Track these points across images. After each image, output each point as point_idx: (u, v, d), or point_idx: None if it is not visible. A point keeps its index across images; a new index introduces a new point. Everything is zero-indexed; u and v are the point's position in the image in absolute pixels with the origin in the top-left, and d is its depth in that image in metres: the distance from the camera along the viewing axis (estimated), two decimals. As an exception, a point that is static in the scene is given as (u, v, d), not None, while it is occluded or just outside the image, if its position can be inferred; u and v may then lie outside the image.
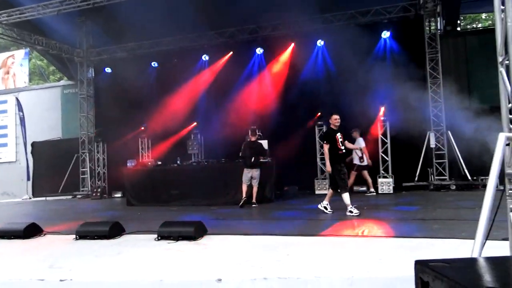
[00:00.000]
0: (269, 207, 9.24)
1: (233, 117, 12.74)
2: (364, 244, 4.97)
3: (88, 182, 15.24)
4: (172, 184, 10.48)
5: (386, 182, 11.05)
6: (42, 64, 25.29)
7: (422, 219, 6.62)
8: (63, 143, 16.74)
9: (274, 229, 6.21)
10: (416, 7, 11.84)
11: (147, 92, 14.15)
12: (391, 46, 12.02)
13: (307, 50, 12.68)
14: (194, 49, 14.16)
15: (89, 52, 15.28)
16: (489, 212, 2.62)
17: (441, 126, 11.54)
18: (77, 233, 5.99)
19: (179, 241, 5.43)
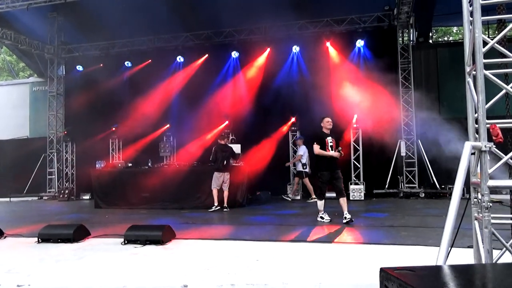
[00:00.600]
0: (240, 211, 9.17)
1: (207, 120, 12.64)
2: (333, 250, 4.98)
3: (56, 183, 14.78)
4: (143, 187, 10.26)
5: (358, 189, 11.16)
6: (11, 59, 24.49)
7: (391, 226, 6.70)
8: (30, 142, 16.20)
9: (244, 234, 6.15)
10: (390, 17, 12.07)
11: (119, 92, 13.84)
12: (365, 54, 12.18)
13: (282, 56, 12.72)
14: (169, 50, 14.00)
15: (60, 49, 14.88)
16: (454, 220, 2.64)
17: (412, 135, 11.77)
18: (40, 236, 5.78)
19: (147, 245, 5.31)
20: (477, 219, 2.96)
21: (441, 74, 13.11)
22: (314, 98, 11.41)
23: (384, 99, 10.86)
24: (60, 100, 15.20)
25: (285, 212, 9.04)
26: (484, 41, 2.84)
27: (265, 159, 11.82)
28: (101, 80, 13.88)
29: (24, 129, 16.95)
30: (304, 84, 12.17)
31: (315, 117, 11.14)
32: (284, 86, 12.17)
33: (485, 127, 2.77)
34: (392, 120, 11.26)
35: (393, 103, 11.33)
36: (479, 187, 2.85)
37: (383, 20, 12.21)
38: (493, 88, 2.99)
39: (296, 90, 12.17)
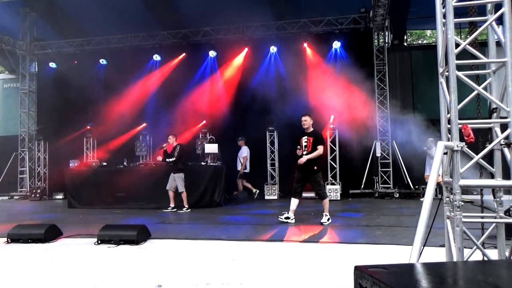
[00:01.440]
0: (217, 211, 9.12)
1: (184, 119, 12.52)
2: (309, 249, 5.00)
3: (27, 182, 14.39)
4: (118, 186, 10.08)
5: (334, 189, 11.27)
6: (-19, 55, 23.71)
7: (366, 225, 6.78)
8: (1, 140, 15.73)
9: (221, 234, 6.12)
10: (366, 20, 12.24)
11: (94, 90, 13.57)
12: (342, 56, 12.31)
13: (260, 56, 12.73)
14: (145, 49, 13.82)
15: (33, 45, 14.49)
16: (427, 219, 2.69)
17: (387, 136, 11.95)
18: (9, 236, 5.61)
19: (121, 245, 5.22)
20: (449, 218, 3.02)
21: (415, 76, 13.38)
22: (291, 98, 11.47)
23: (360, 100, 11.01)
24: (33, 98, 14.82)
25: (262, 212, 9.05)
26: (457, 43, 2.90)
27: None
28: (75, 78, 13.53)
29: (-6, 126, 16.45)
30: (282, 84, 12.22)
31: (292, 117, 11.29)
32: (261, 86, 12.17)
33: (457, 127, 2.83)
34: (367, 121, 11.43)
35: (369, 104, 11.50)
36: (451, 186, 2.91)
37: (359, 22, 12.36)
38: (464, 89, 3.06)
39: (273, 90, 12.21)
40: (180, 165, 9.31)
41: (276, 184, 12.17)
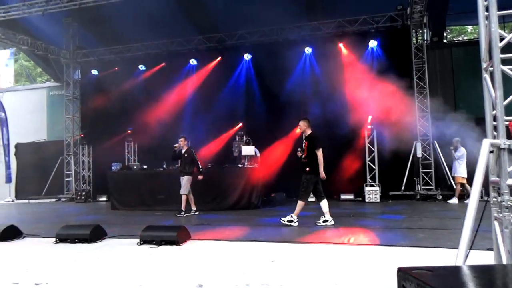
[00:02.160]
0: (255, 213, 9.16)
1: (220, 122, 12.68)
2: (350, 252, 4.94)
3: (73, 185, 14.99)
4: (158, 189, 10.35)
5: (373, 191, 11.06)
6: (29, 65, 24.94)
7: (408, 228, 6.61)
8: (48, 145, 16.47)
9: (259, 235, 6.14)
10: (403, 17, 11.95)
11: (134, 95, 13.99)
12: (378, 55, 12.09)
13: (295, 57, 12.67)
14: (182, 53, 14.08)
15: (76, 53, 15.10)
16: (473, 221, 2.60)
17: (428, 136, 11.61)
18: (57, 236, 5.86)
19: (162, 245, 5.34)
20: (497, 219, 2.90)
21: (457, 74, 12.93)
22: (328, 99, 11.39)
23: (398, 100, 10.74)
24: (76, 104, 15.42)
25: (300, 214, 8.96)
26: (501, 36, 2.79)
27: (280, 160, 11.79)
28: (116, 84, 14.06)
29: (42, 132, 17.25)
30: (317, 85, 12.13)
31: (329, 118, 11.21)
32: (297, 87, 12.14)
33: (504, 124, 2.72)
34: (407, 121, 11.12)
35: (408, 103, 11.20)
36: (498, 186, 2.80)
37: (396, 20, 12.09)
38: (510, 84, 2.94)
39: (309, 91, 12.15)
40: (190, 168, 9.26)
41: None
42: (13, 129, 16.41)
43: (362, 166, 11.43)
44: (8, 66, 19.79)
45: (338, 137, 11.43)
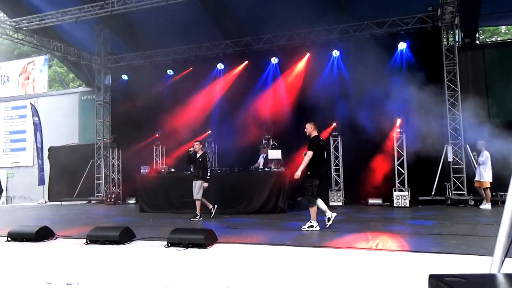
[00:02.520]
0: (281, 217, 9.13)
1: (247, 126, 12.73)
2: (378, 258, 4.84)
3: (103, 188, 15.36)
4: (185, 192, 10.43)
5: (402, 195, 10.85)
6: (62, 71, 25.76)
7: (438, 234, 6.43)
8: (80, 148, 16.94)
9: (286, 239, 6.11)
10: (434, 18, 11.71)
11: (162, 99, 14.28)
12: (408, 57, 11.88)
13: (322, 60, 12.62)
14: (209, 58, 14.25)
15: (107, 59, 15.50)
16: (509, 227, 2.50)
17: (459, 140, 11.31)
18: (88, 238, 5.99)
19: (189, 248, 5.38)
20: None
21: (490, 76, 12.56)
22: (356, 102, 11.27)
23: (429, 103, 10.52)
24: (107, 108, 15.81)
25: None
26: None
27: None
28: (145, 88, 14.35)
29: (74, 136, 17.78)
30: (345, 88, 12.03)
31: (357, 121, 11.08)
32: (324, 91, 12.07)
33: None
34: (437, 124, 10.88)
35: (439, 106, 10.96)
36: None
37: (426, 21, 11.85)
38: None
39: (337, 95, 12.08)
40: (204, 173, 9.19)
41: (341, 190, 11.95)
42: (47, 132, 16.99)
43: (391, 170, 11.24)
44: (42, 72, 20.48)
45: (366, 140, 11.29)
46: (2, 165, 20.06)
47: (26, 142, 19.32)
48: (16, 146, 19.85)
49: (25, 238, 6.28)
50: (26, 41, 13.98)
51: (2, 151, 20.27)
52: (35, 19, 13.02)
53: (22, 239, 6.28)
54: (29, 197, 18.37)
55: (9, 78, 20.86)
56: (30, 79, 20.37)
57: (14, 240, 6.30)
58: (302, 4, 11.77)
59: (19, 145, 19.75)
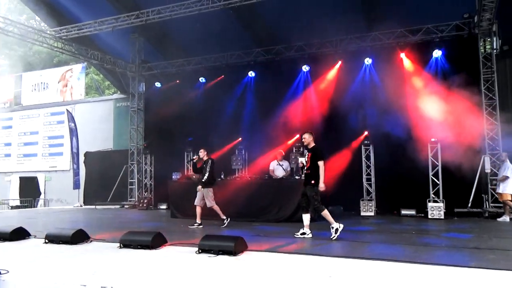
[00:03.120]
0: (311, 226, 8.97)
1: (278, 134, 12.72)
2: (412, 270, 4.72)
3: (136, 193, 15.66)
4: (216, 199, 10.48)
5: (437, 207, 10.54)
6: (98, 78, 26.58)
7: (476, 248, 6.20)
8: (114, 154, 17.37)
9: (316, 249, 6.06)
10: (470, 25, 11.39)
11: (194, 106, 14.46)
12: (443, 65, 11.59)
13: (354, 68, 12.48)
14: (240, 66, 14.35)
15: (141, 67, 15.87)
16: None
17: (497, 150, 10.89)
18: (121, 242, 6.12)
19: (219, 255, 5.40)
20: None
21: (530, 84, 12.08)
22: (388, 110, 11.08)
23: (465, 112, 10.22)
24: (140, 115, 16.16)
25: (359, 229, 8.78)
26: None
27: (337, 173, 11.60)
28: (177, 96, 14.61)
29: (108, 142, 18.25)
30: (377, 97, 11.83)
31: (390, 130, 10.90)
32: (356, 99, 11.94)
33: None
34: (474, 134, 10.53)
35: (476, 115, 10.61)
36: None
37: (462, 28, 11.55)
38: None
39: (369, 103, 11.91)
40: (210, 179, 9.22)
41: (373, 200, 11.72)
42: (83, 138, 17.53)
43: (425, 180, 10.93)
44: (80, 79, 21.20)
45: (399, 149, 11.05)
46: (41, 169, 20.80)
47: (64, 147, 19.96)
48: (54, 151, 20.56)
49: (61, 240, 6.49)
50: (65, 49, 14.51)
51: (41, 155, 21.04)
52: (74, 29, 13.53)
53: (58, 242, 6.49)
54: (65, 200, 18.95)
55: (49, 85, 21.69)
56: (68, 86, 21.11)
57: (51, 242, 6.52)
58: (334, 12, 11.71)
59: (56, 150, 20.45)
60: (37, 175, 20.49)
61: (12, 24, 12.85)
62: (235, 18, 12.75)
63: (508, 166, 9.87)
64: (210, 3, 11.34)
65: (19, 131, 22.00)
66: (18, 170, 21.52)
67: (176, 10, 11.82)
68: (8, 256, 5.59)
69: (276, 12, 12.35)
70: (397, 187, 11.52)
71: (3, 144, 22.40)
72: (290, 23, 12.59)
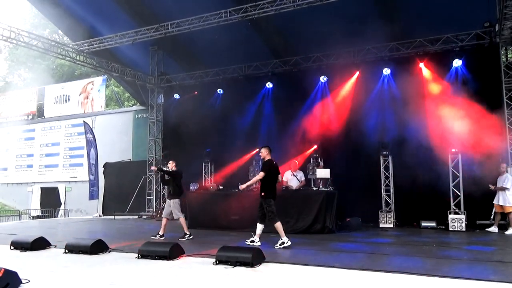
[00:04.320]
0: (329, 238, 8.94)
1: (296, 144, 12.70)
2: (432, 284, 4.61)
3: (154, 203, 15.77)
4: (233, 210, 10.51)
5: (458, 219, 10.30)
6: (118, 90, 27.04)
7: (499, 261, 6.03)
8: (133, 165, 17.57)
9: (334, 261, 5.97)
10: (491, 34, 11.21)
11: (212, 117, 14.56)
12: (463, 74, 11.43)
13: (372, 79, 12.41)
14: (258, 77, 14.42)
15: (160, 79, 16.10)
16: None
17: (521, 161, 10.63)
18: (139, 252, 6.16)
19: (237, 266, 5.38)
20: None
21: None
22: (408, 121, 10.97)
23: (486, 122, 10.02)
24: (159, 126, 16.34)
25: (377, 241, 8.64)
26: None
27: (355, 184, 11.50)
28: (195, 107, 14.76)
29: (128, 153, 18.49)
30: (396, 107, 11.73)
31: (409, 141, 10.77)
32: (374, 109, 11.86)
33: None
34: (496, 144, 10.30)
35: (498, 126, 10.39)
36: None
37: (483, 37, 11.38)
38: None
39: (387, 113, 11.81)
40: (176, 190, 9.13)
41: (392, 211, 11.53)
42: (103, 149, 17.78)
43: (445, 192, 10.71)
44: (100, 91, 21.60)
45: (419, 160, 10.90)
46: (62, 179, 21.18)
47: (84, 158, 20.25)
48: (75, 162, 20.94)
49: (80, 250, 6.57)
50: (87, 62, 14.84)
51: (62, 166, 21.44)
52: (95, 42, 13.84)
53: (78, 251, 6.57)
54: (84, 210, 19.21)
55: (70, 98, 22.17)
56: (89, 98, 21.53)
57: (71, 252, 6.61)
58: (351, 23, 11.69)
59: (77, 161, 20.81)
60: (58, 186, 20.88)
61: (36, 39, 13.21)
62: (253, 29, 12.85)
63: (509, 178, 9.74)
64: (228, 16, 11.47)
65: (41, 143, 22.51)
66: (40, 181, 21.97)
67: (195, 23, 11.99)
68: (29, 265, 5.68)
69: (294, 23, 12.39)
70: (417, 199, 11.34)
71: (26, 155, 22.93)
72: (307, 34, 12.61)
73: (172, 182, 9.26)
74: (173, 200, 9.08)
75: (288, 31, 13.25)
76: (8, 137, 23.81)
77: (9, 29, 12.13)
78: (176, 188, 9.20)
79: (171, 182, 9.28)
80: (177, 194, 9.19)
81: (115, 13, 13.68)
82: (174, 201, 9.08)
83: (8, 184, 23.42)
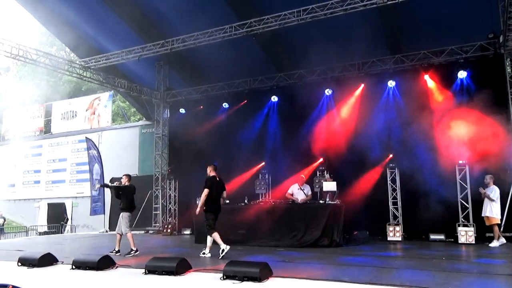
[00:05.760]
0: (337, 251, 8.87)
1: (301, 157, 12.69)
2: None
3: (160, 218, 15.75)
4: (239, 224, 10.47)
5: (467, 231, 10.19)
6: (125, 106, 27.24)
7: (510, 274, 5.95)
8: (139, 179, 17.52)
9: (342, 275, 5.92)
10: (496, 45, 11.23)
11: (217, 131, 14.61)
12: (468, 86, 11.42)
13: (377, 91, 12.42)
14: (263, 91, 14.47)
15: (166, 94, 16.21)
16: None
17: (529, 172, 10.53)
18: (146, 268, 6.15)
19: (244, 281, 5.35)
20: None
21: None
22: (413, 134, 10.94)
23: (493, 133, 9.97)
24: (165, 141, 16.39)
25: (386, 254, 8.57)
26: None
27: (362, 197, 11.43)
28: (201, 121, 14.82)
29: (134, 167, 18.50)
30: (402, 118, 11.72)
31: (415, 153, 10.72)
32: (380, 122, 11.84)
33: None
34: (504, 156, 10.24)
35: (505, 137, 10.33)
36: None
37: (487, 48, 11.39)
38: None
39: (393, 125, 11.79)
40: (126, 204, 9.04)
41: (400, 224, 11.43)
42: (109, 164, 17.83)
43: (454, 204, 10.63)
44: (107, 107, 21.79)
45: (426, 172, 10.82)
46: (68, 195, 21.25)
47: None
48: (81, 177, 20.98)
49: (88, 266, 6.57)
50: (94, 78, 14.98)
51: (69, 182, 21.52)
52: (102, 58, 14.00)
53: (85, 268, 6.57)
54: (91, 226, 19.20)
55: (77, 113, 22.38)
56: (96, 113, 21.71)
57: (78, 268, 6.60)
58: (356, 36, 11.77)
59: (83, 176, 20.83)
60: (65, 201, 20.92)
61: (44, 56, 13.39)
62: (257, 44, 12.97)
63: (495, 189, 9.72)
64: (233, 31, 11.58)
65: (49, 158, 22.67)
66: (47, 197, 22.05)
67: (200, 38, 12.11)
68: (37, 282, 5.68)
69: (298, 37, 12.49)
70: (425, 211, 11.21)
71: (33, 171, 23.07)
72: (312, 47, 12.66)
73: (122, 197, 9.17)
74: (122, 214, 8.97)
75: (293, 44, 13.35)
76: (16, 153, 23.99)
77: (17, 47, 12.31)
78: (126, 202, 9.12)
79: (122, 196, 9.20)
80: (127, 208, 9.06)
81: (122, 30, 13.87)
82: (123, 214, 8.96)
83: (15, 201, 23.53)
